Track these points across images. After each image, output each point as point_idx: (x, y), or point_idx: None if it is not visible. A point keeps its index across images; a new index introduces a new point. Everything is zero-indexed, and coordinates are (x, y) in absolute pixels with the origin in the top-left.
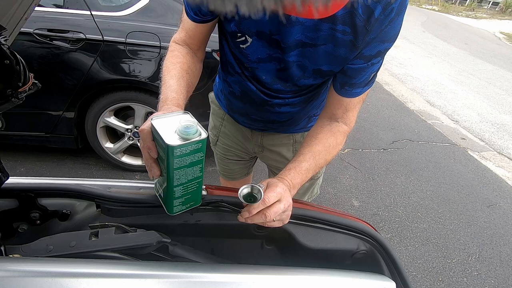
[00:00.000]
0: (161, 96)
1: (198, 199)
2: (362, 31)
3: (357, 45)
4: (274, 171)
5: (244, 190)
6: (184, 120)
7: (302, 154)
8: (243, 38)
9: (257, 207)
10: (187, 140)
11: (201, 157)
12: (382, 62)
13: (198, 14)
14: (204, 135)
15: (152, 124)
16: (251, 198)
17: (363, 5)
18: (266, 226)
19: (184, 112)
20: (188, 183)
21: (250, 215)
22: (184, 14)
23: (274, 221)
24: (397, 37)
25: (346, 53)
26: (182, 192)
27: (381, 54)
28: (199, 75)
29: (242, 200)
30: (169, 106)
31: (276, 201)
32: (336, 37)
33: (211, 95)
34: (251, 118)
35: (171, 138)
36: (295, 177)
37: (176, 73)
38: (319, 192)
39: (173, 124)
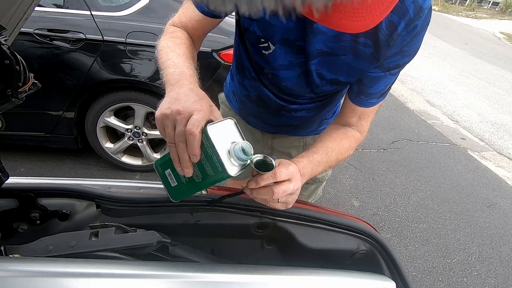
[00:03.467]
0: (174, 70)
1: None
2: (383, 45)
3: (378, 58)
4: None
5: (256, 158)
6: (239, 142)
7: (315, 147)
8: (266, 45)
9: (266, 178)
10: (243, 167)
11: None
12: (398, 75)
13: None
14: (257, 159)
15: (207, 132)
16: (262, 168)
17: (387, 20)
18: (269, 205)
19: (230, 118)
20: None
21: (256, 186)
22: (190, 2)
23: (279, 201)
24: (417, 52)
25: (365, 65)
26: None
27: (399, 67)
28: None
29: (253, 167)
30: (192, 86)
31: (287, 180)
32: (357, 49)
33: (221, 96)
34: (265, 122)
35: (228, 162)
36: (306, 165)
37: (183, 52)
38: (321, 194)
39: (225, 137)
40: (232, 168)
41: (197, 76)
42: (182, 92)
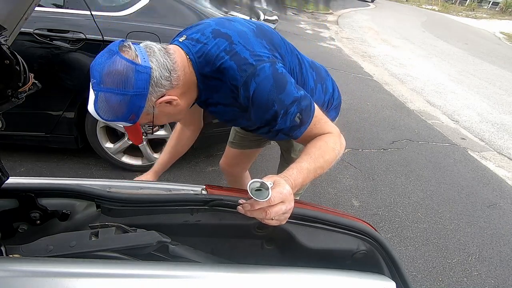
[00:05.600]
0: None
1: None
2: (242, 105)
3: (247, 111)
4: (283, 154)
5: (254, 183)
6: None
7: (300, 157)
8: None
9: (261, 203)
10: None
11: None
12: (292, 112)
13: None
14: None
15: None
16: (258, 192)
17: (242, 93)
18: (263, 222)
19: None
20: None
21: (251, 209)
22: None
23: (272, 219)
24: (272, 105)
25: (247, 116)
26: None
27: (270, 122)
28: (189, 142)
29: (250, 193)
30: (148, 173)
31: (280, 202)
32: (237, 109)
33: None
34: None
35: None
36: (297, 176)
37: (165, 149)
38: (302, 193)
39: None
40: None
41: (164, 164)
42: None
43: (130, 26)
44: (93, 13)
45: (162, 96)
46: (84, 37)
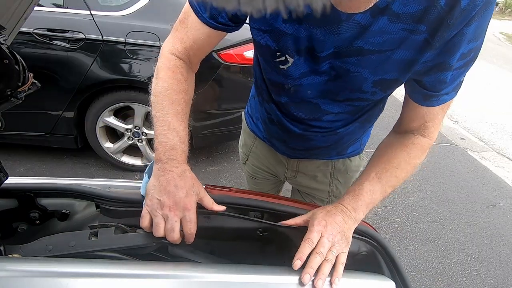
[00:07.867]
0: (166, 141)
1: None
2: (441, 26)
3: (433, 44)
4: (302, 194)
5: None
6: None
7: (365, 174)
8: (283, 58)
9: (305, 251)
10: None
11: None
12: (468, 64)
13: (216, 18)
14: None
15: None
16: None
17: None
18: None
19: None
20: None
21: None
22: (191, 20)
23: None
24: (484, 35)
25: (415, 55)
26: None
27: (465, 56)
28: (193, 89)
29: None
30: (181, 169)
31: (319, 240)
32: (408, 39)
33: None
34: (289, 146)
35: None
36: (353, 200)
37: (180, 109)
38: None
39: None
40: None
41: (188, 138)
42: (171, 179)
43: (129, 26)
44: (93, 12)
45: None
46: (84, 37)
